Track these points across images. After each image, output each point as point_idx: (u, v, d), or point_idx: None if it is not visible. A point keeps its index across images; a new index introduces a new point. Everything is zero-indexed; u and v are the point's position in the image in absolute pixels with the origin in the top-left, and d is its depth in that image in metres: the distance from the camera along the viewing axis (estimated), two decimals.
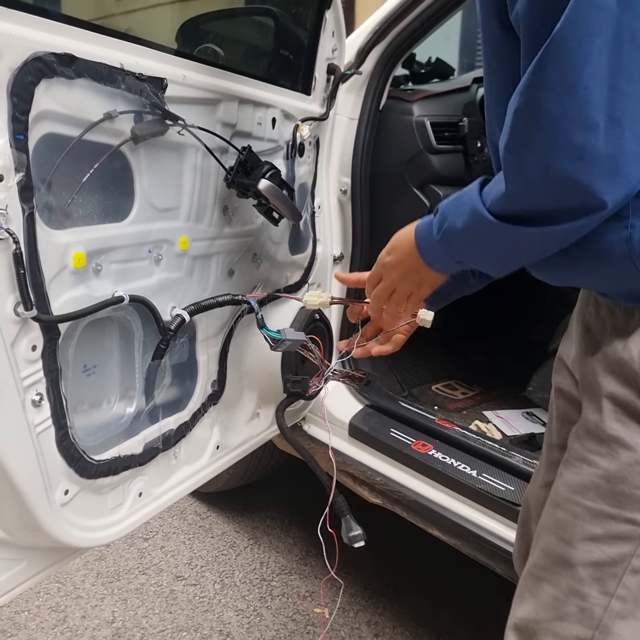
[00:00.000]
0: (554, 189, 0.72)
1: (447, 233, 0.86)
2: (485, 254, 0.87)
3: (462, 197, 0.85)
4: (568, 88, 0.67)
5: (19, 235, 0.87)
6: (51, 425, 1.00)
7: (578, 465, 0.87)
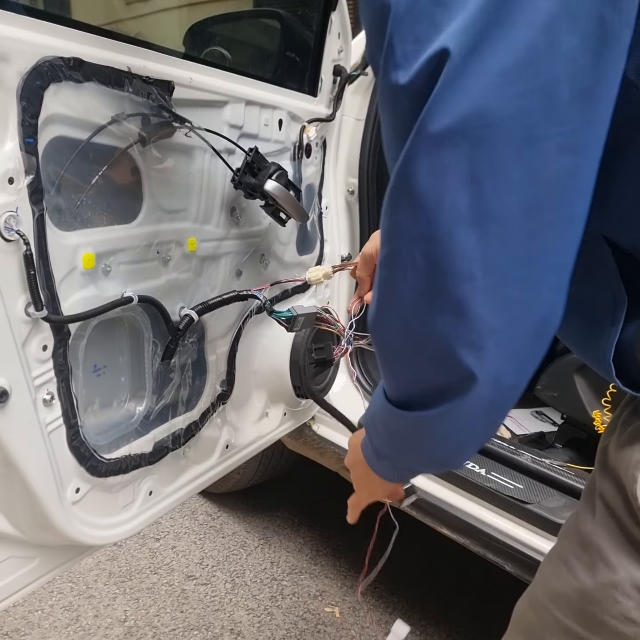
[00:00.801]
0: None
1: (375, 441, 0.80)
2: (417, 451, 0.77)
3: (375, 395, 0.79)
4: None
5: (30, 237, 0.89)
6: (62, 424, 1.02)
7: (559, 566, 0.79)
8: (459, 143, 0.51)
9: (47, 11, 0.94)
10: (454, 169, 0.52)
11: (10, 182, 0.85)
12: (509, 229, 0.53)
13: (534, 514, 1.52)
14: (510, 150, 0.51)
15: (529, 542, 1.52)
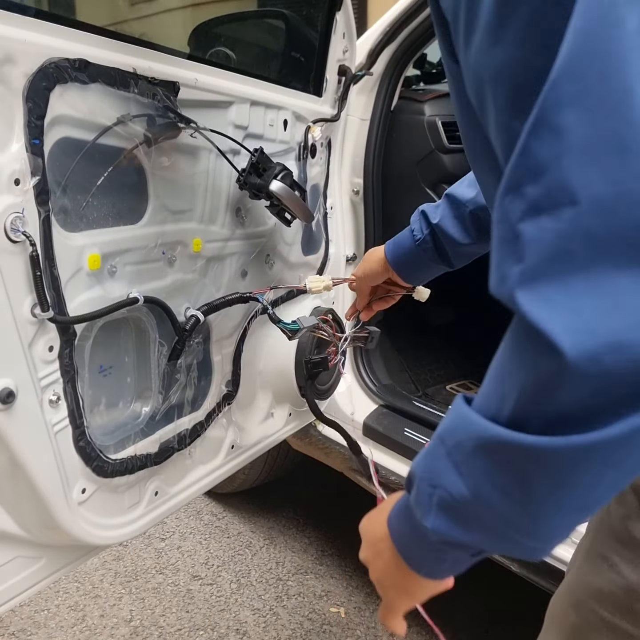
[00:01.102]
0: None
1: (445, 508, 0.56)
2: (527, 504, 0.52)
3: (445, 434, 0.57)
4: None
5: (36, 238, 0.89)
6: (68, 425, 1.02)
7: (598, 564, 0.76)
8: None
9: (52, 12, 0.94)
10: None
11: (17, 183, 0.86)
12: None
13: None
14: None
15: None
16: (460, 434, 0.54)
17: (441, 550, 0.61)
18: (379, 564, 0.70)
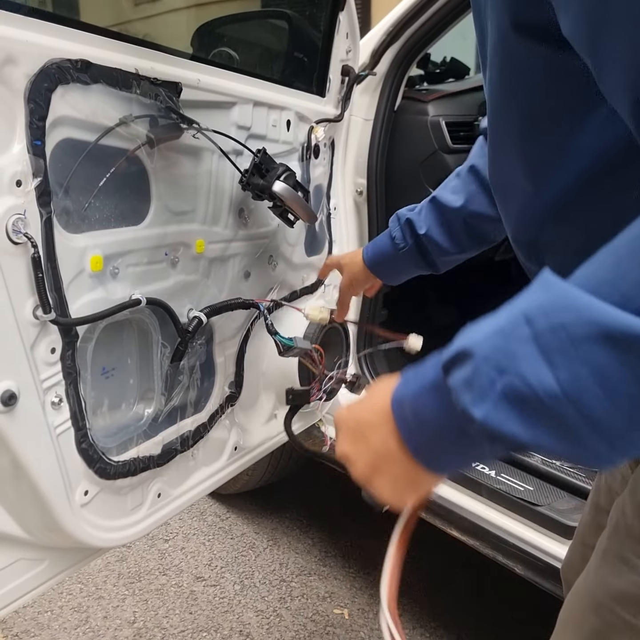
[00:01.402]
0: None
1: (514, 398, 0.47)
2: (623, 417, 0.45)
3: (534, 313, 0.47)
4: None
5: (37, 240, 0.89)
6: (70, 427, 1.02)
7: (618, 566, 0.76)
8: None
9: (54, 13, 0.93)
10: None
11: (18, 184, 0.85)
12: None
13: (545, 516, 1.51)
14: None
15: (540, 544, 1.51)
16: (565, 317, 0.44)
17: (473, 445, 0.51)
18: (369, 455, 0.60)
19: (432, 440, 0.54)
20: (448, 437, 0.53)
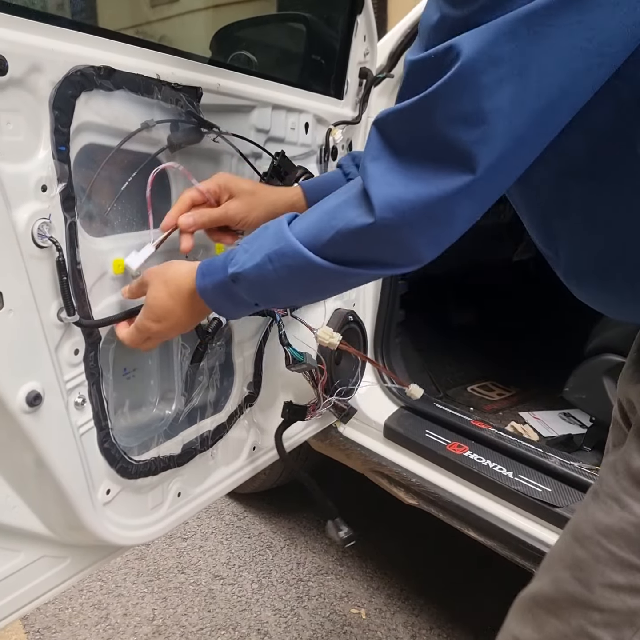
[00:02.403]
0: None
1: (267, 298, 0.89)
2: (290, 294, 0.90)
3: (265, 235, 0.84)
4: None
5: (62, 243, 0.90)
6: (93, 427, 1.04)
7: (609, 504, 0.81)
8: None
9: (78, 21, 0.95)
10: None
11: (44, 189, 0.87)
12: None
13: (563, 518, 1.50)
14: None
15: None
16: (289, 260, 0.80)
17: (252, 308, 0.91)
18: (171, 309, 0.95)
19: (228, 309, 0.93)
20: (237, 308, 0.91)
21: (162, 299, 0.95)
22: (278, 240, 0.81)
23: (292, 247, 0.80)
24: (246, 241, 0.88)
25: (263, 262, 0.82)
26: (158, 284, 0.96)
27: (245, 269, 0.84)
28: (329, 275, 0.79)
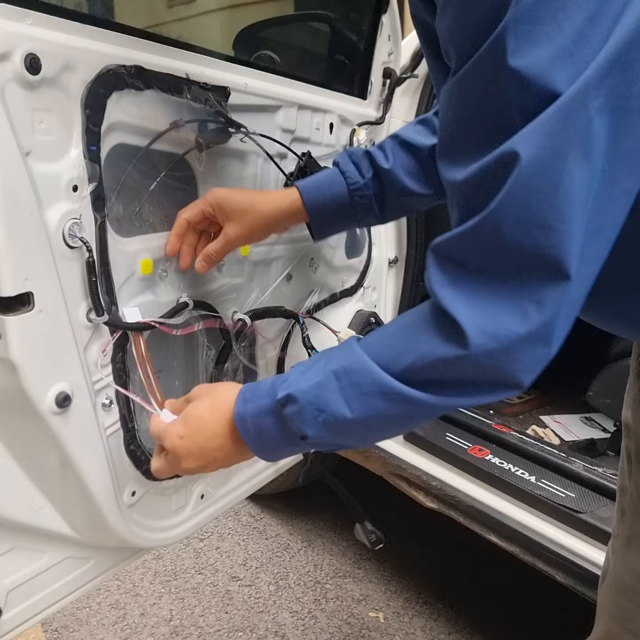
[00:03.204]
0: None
1: (329, 425, 0.73)
2: (380, 431, 0.77)
3: (328, 355, 0.75)
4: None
5: (92, 244, 0.90)
6: (120, 429, 1.03)
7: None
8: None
9: (109, 19, 0.94)
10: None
11: (75, 189, 0.87)
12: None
13: (587, 524, 1.49)
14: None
15: (581, 552, 1.49)
16: (359, 378, 0.71)
17: (298, 447, 0.79)
18: (211, 464, 0.84)
19: (269, 445, 0.80)
20: (282, 443, 0.78)
21: (200, 409, 0.84)
22: (346, 356, 0.73)
23: (363, 364, 0.70)
24: (302, 364, 0.78)
25: (326, 379, 0.72)
26: (204, 396, 0.87)
27: (302, 388, 0.74)
28: (413, 403, 0.69)
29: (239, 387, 0.84)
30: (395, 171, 1.11)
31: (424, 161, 1.11)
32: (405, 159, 1.11)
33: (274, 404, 0.75)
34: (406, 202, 1.15)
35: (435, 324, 0.67)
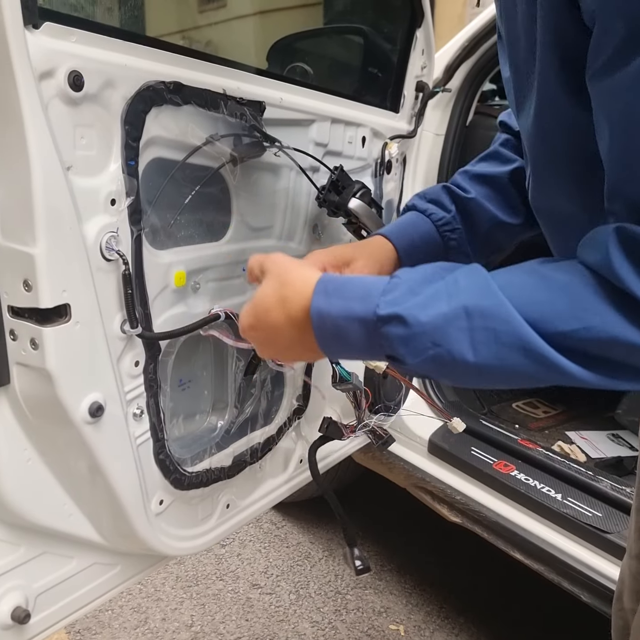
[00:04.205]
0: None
1: (438, 361, 0.64)
2: (491, 383, 0.68)
3: (450, 282, 0.64)
4: None
5: (128, 257, 0.91)
6: (149, 438, 1.04)
7: None
8: None
9: (148, 36, 0.96)
10: None
11: (112, 203, 0.88)
12: None
13: (614, 545, 1.47)
14: None
15: (608, 573, 1.47)
16: (498, 325, 0.61)
17: (380, 360, 0.69)
18: (278, 347, 0.79)
19: (343, 349, 0.71)
20: (361, 353, 0.70)
21: (269, 301, 0.75)
22: (485, 296, 0.62)
23: (506, 311, 0.61)
24: (410, 279, 0.67)
25: (455, 314, 0.62)
26: (275, 282, 0.76)
27: (416, 314, 0.63)
28: (564, 374, 0.61)
29: (314, 272, 0.74)
30: (478, 200, 1.04)
31: (504, 189, 1.04)
32: (483, 190, 1.04)
33: (372, 317, 0.65)
34: (496, 235, 1.06)
35: (613, 301, 0.59)
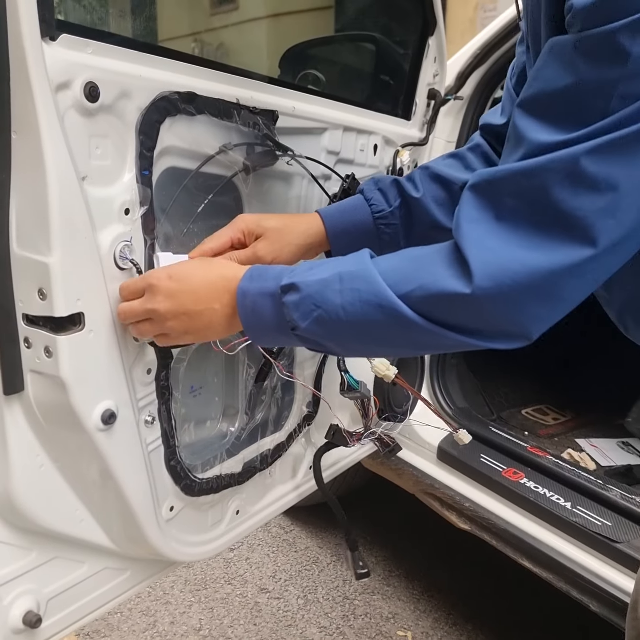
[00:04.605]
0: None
1: (320, 322, 0.76)
2: (363, 344, 0.80)
3: (340, 259, 0.79)
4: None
5: (141, 265, 0.92)
6: (161, 445, 1.05)
7: None
8: None
9: (163, 47, 0.97)
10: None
11: (127, 212, 0.89)
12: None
13: (623, 554, 1.47)
14: None
15: (617, 582, 1.47)
16: (362, 285, 0.74)
17: (285, 336, 0.80)
18: (192, 322, 0.84)
19: (261, 326, 0.82)
20: (273, 329, 0.80)
21: (199, 269, 0.88)
22: (356, 263, 0.77)
23: (369, 274, 0.73)
24: (313, 261, 0.83)
25: (331, 278, 0.76)
26: (200, 261, 0.90)
27: (305, 280, 0.77)
28: (410, 326, 0.71)
29: (243, 267, 0.85)
30: (425, 201, 1.07)
31: (456, 195, 1.01)
32: (436, 191, 1.07)
33: (277, 289, 0.78)
34: (435, 237, 1.03)
35: (445, 259, 0.70)
